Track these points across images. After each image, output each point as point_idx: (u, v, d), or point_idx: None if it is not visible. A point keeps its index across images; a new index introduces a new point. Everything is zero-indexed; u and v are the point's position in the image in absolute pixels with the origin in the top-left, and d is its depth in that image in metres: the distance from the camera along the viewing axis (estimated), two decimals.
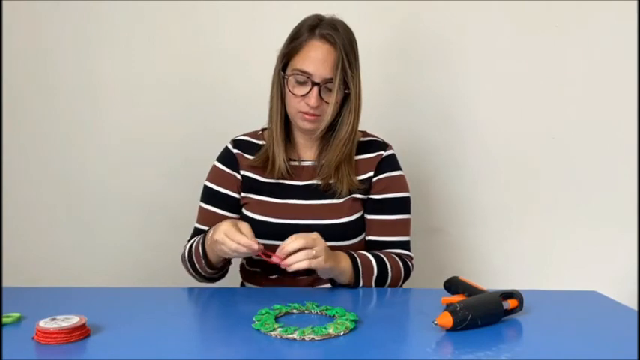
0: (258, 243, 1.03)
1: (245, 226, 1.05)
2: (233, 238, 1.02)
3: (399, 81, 1.63)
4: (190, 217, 1.28)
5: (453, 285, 1.03)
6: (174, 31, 1.70)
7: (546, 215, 1.75)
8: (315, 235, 1.06)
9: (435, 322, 0.87)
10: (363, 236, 1.25)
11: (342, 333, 0.85)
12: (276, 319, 0.91)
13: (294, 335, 0.83)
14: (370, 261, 1.16)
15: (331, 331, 0.84)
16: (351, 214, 1.22)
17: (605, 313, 1.03)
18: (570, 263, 1.75)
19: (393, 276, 1.18)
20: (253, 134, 1.31)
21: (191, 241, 1.22)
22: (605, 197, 1.73)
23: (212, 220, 1.22)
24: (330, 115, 1.17)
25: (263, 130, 1.32)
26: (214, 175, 1.28)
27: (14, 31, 1.69)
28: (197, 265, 1.17)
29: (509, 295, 0.95)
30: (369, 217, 1.25)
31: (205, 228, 1.23)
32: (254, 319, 0.90)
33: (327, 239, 1.13)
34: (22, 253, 1.76)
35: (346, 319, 0.89)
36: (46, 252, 1.77)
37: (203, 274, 1.19)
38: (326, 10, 1.21)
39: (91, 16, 1.69)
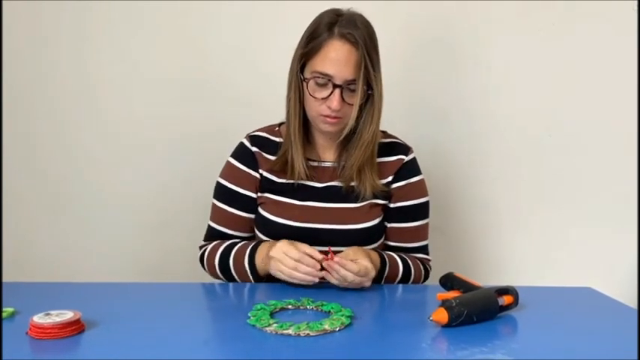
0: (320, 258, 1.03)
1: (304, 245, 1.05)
2: (294, 252, 1.02)
3: (399, 80, 1.63)
4: (187, 214, 1.27)
5: (449, 281, 1.03)
6: (173, 31, 1.68)
7: (544, 213, 1.75)
8: (370, 266, 1.05)
9: (431, 318, 0.87)
10: (381, 241, 1.23)
11: (337, 329, 0.85)
12: (272, 314, 0.91)
13: (290, 331, 0.83)
14: (397, 269, 1.18)
15: (327, 326, 0.84)
16: (371, 220, 1.19)
17: (600, 310, 1.04)
18: (567, 261, 1.75)
19: (413, 281, 1.22)
20: (270, 130, 1.25)
21: (220, 247, 1.18)
22: (603, 196, 1.73)
23: (228, 220, 1.21)
24: (353, 118, 1.12)
25: (280, 124, 1.26)
26: (230, 172, 1.22)
27: (13, 31, 1.67)
28: (236, 274, 1.15)
29: (504, 291, 0.95)
30: (390, 225, 1.24)
31: (221, 228, 1.22)
32: (249, 314, 0.90)
33: (345, 244, 1.13)
34: (20, 251, 1.75)
35: (342, 315, 0.89)
36: (45, 250, 1.77)
37: (239, 282, 1.16)
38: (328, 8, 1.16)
39: (91, 16, 1.67)
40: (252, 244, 1.15)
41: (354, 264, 1.03)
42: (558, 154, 1.72)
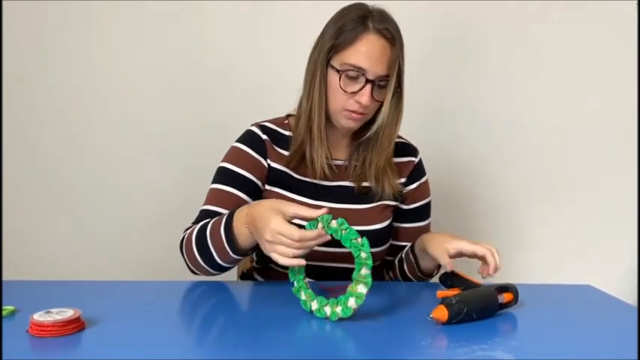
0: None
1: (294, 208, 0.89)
2: (292, 232, 0.86)
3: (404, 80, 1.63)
4: (188, 212, 1.26)
5: (449, 279, 1.03)
6: (173, 29, 1.69)
7: (544, 212, 1.76)
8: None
9: (431, 315, 0.87)
10: (389, 243, 1.22)
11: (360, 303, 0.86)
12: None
13: (338, 309, 0.86)
14: None
15: (354, 306, 0.86)
16: (382, 221, 1.18)
17: (600, 307, 1.04)
18: (567, 258, 1.76)
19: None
20: (279, 122, 1.20)
21: (198, 225, 1.06)
22: (604, 194, 1.73)
23: (231, 203, 1.10)
24: (385, 115, 1.09)
25: (288, 116, 1.21)
26: (236, 156, 1.15)
27: (13, 29, 1.67)
28: (214, 251, 1.01)
29: (504, 288, 0.96)
30: (404, 225, 1.23)
31: (220, 209, 1.10)
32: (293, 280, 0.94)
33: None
34: (20, 249, 1.75)
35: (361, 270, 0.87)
36: (45, 248, 1.77)
37: (220, 262, 1.02)
38: (328, 9, 1.14)
39: (91, 14, 1.67)
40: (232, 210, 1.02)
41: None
42: (559, 154, 1.73)
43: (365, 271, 0.87)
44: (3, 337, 0.78)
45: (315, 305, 0.89)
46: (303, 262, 0.89)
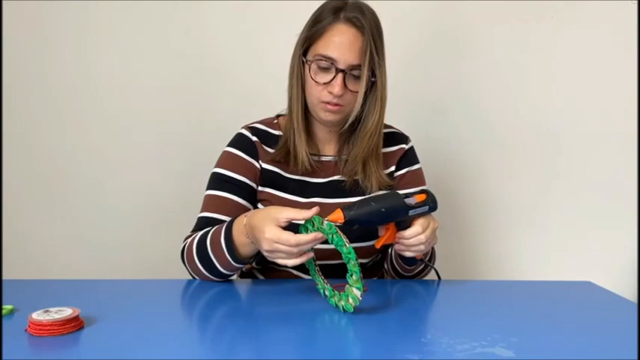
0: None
1: (287, 213, 0.91)
2: (287, 239, 0.88)
3: (401, 77, 1.62)
4: (187, 212, 1.26)
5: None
6: (171, 29, 1.69)
7: (544, 208, 1.75)
8: (424, 220, 1.03)
9: (327, 219, 0.90)
10: None
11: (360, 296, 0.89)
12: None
13: (342, 303, 0.90)
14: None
15: (352, 304, 0.89)
16: None
17: (600, 304, 1.04)
18: (567, 255, 1.75)
19: (433, 262, 1.18)
20: (268, 122, 1.21)
21: (198, 234, 1.08)
22: (604, 190, 1.73)
23: (226, 208, 1.12)
24: (358, 105, 1.08)
25: (278, 116, 1.22)
26: (228, 160, 1.16)
27: (12, 29, 1.67)
28: (216, 261, 1.03)
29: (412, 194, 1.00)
30: None
31: (219, 216, 1.12)
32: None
33: (353, 240, 1.10)
34: (19, 249, 1.75)
35: (353, 281, 0.89)
36: (44, 247, 1.77)
37: (223, 271, 1.05)
38: None
39: (88, 13, 1.67)
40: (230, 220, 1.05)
41: (413, 229, 1.00)
42: (559, 150, 1.72)
43: (355, 277, 0.89)
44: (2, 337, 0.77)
45: (327, 293, 0.95)
46: (310, 254, 0.93)
